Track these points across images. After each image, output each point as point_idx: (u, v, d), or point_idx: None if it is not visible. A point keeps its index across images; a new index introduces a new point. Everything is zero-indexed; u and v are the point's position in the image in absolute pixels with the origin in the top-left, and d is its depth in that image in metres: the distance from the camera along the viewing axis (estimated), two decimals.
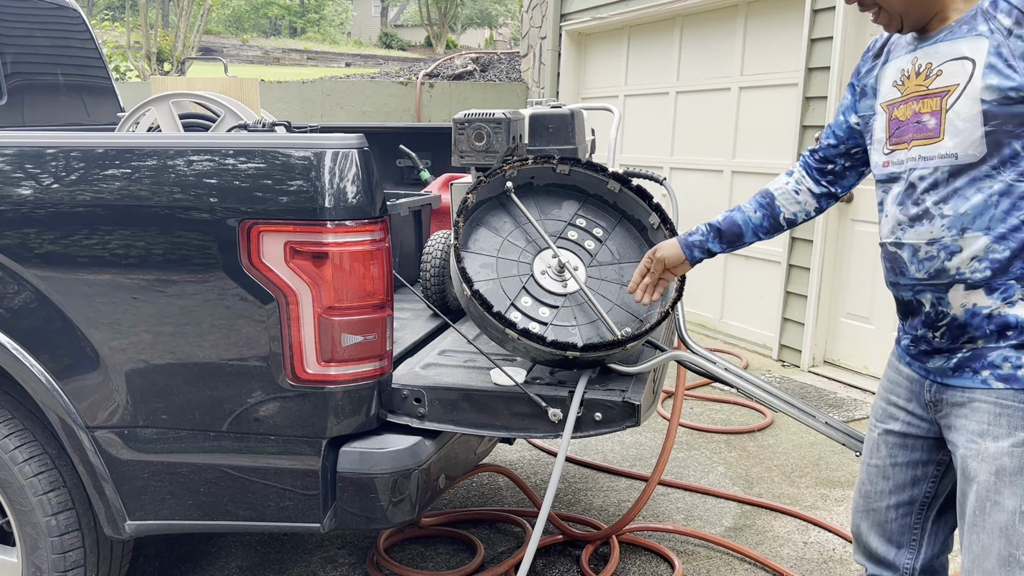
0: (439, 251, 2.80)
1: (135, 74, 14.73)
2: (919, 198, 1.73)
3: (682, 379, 3.05)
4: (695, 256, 2.16)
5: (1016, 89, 1.60)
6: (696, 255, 2.16)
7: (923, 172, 1.72)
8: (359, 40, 43.43)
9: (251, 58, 31.08)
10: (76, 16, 4.32)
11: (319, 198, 1.98)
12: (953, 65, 1.68)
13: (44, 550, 2.22)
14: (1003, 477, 1.66)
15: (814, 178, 2.09)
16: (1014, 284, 1.66)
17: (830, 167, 2.07)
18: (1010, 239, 1.64)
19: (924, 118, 1.72)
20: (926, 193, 1.72)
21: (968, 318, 1.71)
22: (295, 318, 2.01)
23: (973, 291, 1.69)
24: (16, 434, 2.22)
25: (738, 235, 2.13)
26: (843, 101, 2.03)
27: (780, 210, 2.11)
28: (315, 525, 2.12)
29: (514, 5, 35.81)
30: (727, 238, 2.14)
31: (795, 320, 5.65)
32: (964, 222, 1.67)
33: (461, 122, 2.63)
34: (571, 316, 2.35)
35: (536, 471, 3.90)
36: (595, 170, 2.53)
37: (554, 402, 2.14)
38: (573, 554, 3.16)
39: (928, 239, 1.72)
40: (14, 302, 2.12)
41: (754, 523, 3.45)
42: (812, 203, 2.10)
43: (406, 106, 10.07)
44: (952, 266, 1.70)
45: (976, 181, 1.66)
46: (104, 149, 2.09)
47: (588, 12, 7.88)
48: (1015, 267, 1.66)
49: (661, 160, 7.06)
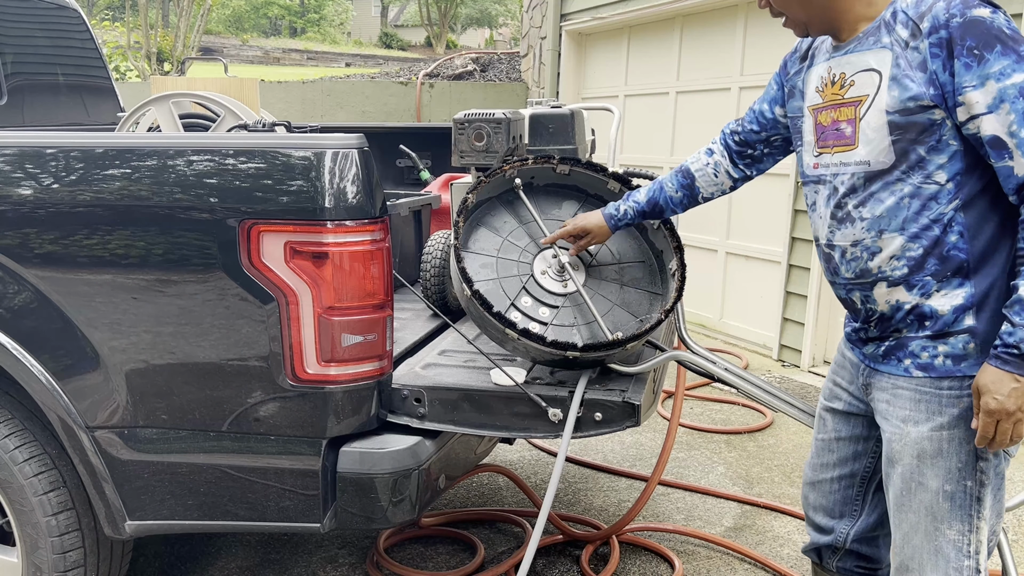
0: (439, 251, 2.80)
1: (135, 74, 14.73)
2: (842, 202, 1.84)
3: (682, 379, 3.05)
4: (617, 227, 2.36)
5: (914, 99, 1.70)
6: (619, 227, 2.36)
7: (844, 177, 1.83)
8: (359, 40, 43.42)
9: (251, 58, 31.08)
10: (76, 16, 4.32)
11: (319, 198, 1.98)
12: (863, 76, 1.78)
13: (44, 550, 2.22)
14: (924, 460, 1.79)
15: (732, 160, 2.23)
16: (930, 280, 1.76)
17: (749, 151, 2.20)
18: (923, 238, 1.75)
19: (842, 126, 1.83)
20: (847, 197, 1.83)
21: (892, 312, 1.82)
22: (295, 318, 2.01)
23: (895, 288, 1.80)
24: (16, 434, 2.22)
25: (660, 212, 2.33)
26: (768, 91, 2.13)
27: (699, 190, 2.27)
28: (315, 525, 2.12)
29: (514, 5, 35.81)
30: (649, 215, 2.34)
31: (795, 320, 5.65)
32: (881, 224, 1.78)
33: (461, 122, 2.63)
34: (571, 316, 2.35)
35: (536, 471, 3.90)
36: (595, 170, 2.53)
37: (554, 402, 2.14)
38: (573, 554, 3.16)
39: (852, 241, 1.84)
40: (14, 302, 2.12)
41: (754, 523, 3.45)
42: (728, 183, 2.25)
43: (406, 106, 10.07)
44: (874, 266, 1.81)
45: (889, 185, 1.76)
46: (104, 149, 2.09)
47: (588, 12, 7.87)
48: (929, 264, 1.76)
49: (661, 160, 7.06)
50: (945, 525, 1.78)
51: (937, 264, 1.75)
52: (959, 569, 1.79)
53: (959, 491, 1.77)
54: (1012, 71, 1.63)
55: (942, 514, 1.78)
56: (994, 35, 1.64)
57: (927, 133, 1.71)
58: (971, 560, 1.79)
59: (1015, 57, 1.63)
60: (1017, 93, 1.63)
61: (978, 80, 1.64)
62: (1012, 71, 1.63)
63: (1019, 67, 1.63)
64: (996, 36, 1.64)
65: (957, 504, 1.78)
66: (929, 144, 1.71)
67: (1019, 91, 1.63)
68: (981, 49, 1.64)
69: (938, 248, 1.74)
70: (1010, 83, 1.63)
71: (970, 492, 1.77)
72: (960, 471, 1.77)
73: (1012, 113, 1.63)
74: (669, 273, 2.46)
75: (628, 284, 2.47)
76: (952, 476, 1.77)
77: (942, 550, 1.79)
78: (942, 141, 1.71)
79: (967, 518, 1.78)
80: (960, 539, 1.78)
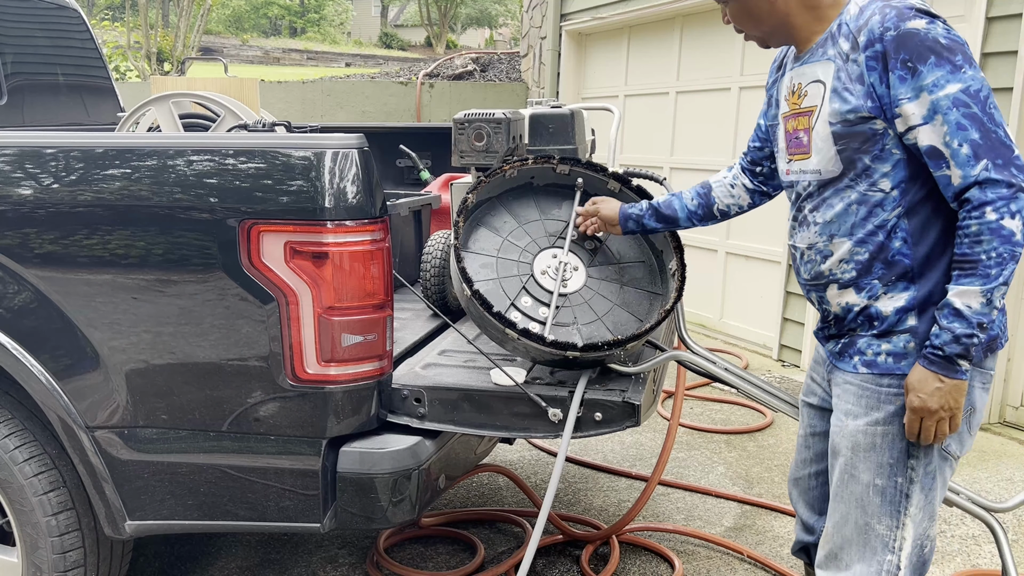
0: (439, 251, 2.80)
1: (135, 74, 14.73)
2: (801, 206, 1.92)
3: (682, 379, 3.05)
4: (628, 226, 2.35)
5: (853, 111, 1.74)
6: (630, 226, 2.35)
7: (803, 183, 1.90)
8: (359, 40, 43.41)
9: (251, 58, 31.07)
10: (76, 16, 4.32)
11: (319, 198, 1.98)
12: (813, 87, 1.83)
13: (44, 550, 2.22)
14: (858, 452, 1.84)
15: (748, 177, 2.25)
16: (877, 283, 1.81)
17: (759, 168, 2.22)
18: (869, 243, 1.79)
19: (800, 135, 1.89)
20: (804, 202, 1.90)
21: (844, 313, 1.87)
22: (295, 318, 2.01)
23: (845, 290, 1.85)
24: (16, 434, 2.22)
25: (673, 219, 2.31)
26: (764, 104, 2.16)
27: (715, 201, 2.27)
28: (315, 525, 2.12)
29: (514, 5, 35.81)
30: (663, 219, 2.32)
31: (795, 320, 5.65)
32: (832, 229, 1.84)
33: (461, 122, 2.63)
34: (571, 316, 2.35)
35: (536, 471, 3.90)
36: (595, 170, 2.53)
37: (554, 402, 2.14)
38: (573, 554, 3.16)
39: (807, 244, 1.90)
40: (14, 302, 2.11)
41: (754, 523, 3.45)
42: (746, 198, 2.27)
43: (406, 106, 10.07)
44: (826, 268, 1.87)
45: (839, 192, 1.82)
46: (104, 149, 2.09)
47: (588, 12, 7.87)
48: (876, 268, 1.81)
49: (661, 160, 7.06)
50: (875, 520, 1.83)
51: (883, 268, 1.79)
52: (881, 563, 1.83)
53: (889, 486, 1.81)
54: (945, 82, 1.65)
55: (872, 508, 1.83)
56: (928, 46, 1.66)
57: (870, 143, 1.75)
58: (894, 555, 1.83)
59: (949, 67, 1.65)
60: (950, 104, 1.64)
61: (912, 92, 1.67)
62: (945, 82, 1.65)
63: (953, 77, 1.65)
64: (930, 47, 1.66)
65: (887, 499, 1.82)
66: (873, 153, 1.75)
67: (952, 102, 1.64)
68: (915, 61, 1.66)
69: (883, 253, 1.78)
70: (943, 94, 1.65)
71: (900, 488, 1.81)
72: (891, 467, 1.81)
73: (945, 124, 1.65)
74: (669, 273, 2.46)
75: (628, 284, 2.47)
76: (883, 471, 1.81)
77: (870, 543, 1.84)
78: (885, 150, 1.74)
79: (895, 514, 1.82)
80: (888, 534, 1.82)
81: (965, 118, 1.64)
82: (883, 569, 1.83)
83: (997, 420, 4.60)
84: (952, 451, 1.82)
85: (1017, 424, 4.55)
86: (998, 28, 4.33)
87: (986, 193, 1.63)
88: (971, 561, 3.18)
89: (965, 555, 3.22)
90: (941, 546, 3.27)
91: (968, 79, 1.65)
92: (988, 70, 4.36)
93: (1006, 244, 1.62)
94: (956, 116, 1.64)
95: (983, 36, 4.37)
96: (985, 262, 1.64)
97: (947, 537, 3.35)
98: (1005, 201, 1.62)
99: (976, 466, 4.05)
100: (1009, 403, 4.58)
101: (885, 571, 1.83)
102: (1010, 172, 1.63)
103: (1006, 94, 4.28)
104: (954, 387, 1.70)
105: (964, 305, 1.66)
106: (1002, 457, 4.17)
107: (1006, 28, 4.29)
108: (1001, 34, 4.31)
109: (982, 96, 1.65)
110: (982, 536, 3.35)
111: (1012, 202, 1.62)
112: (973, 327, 1.66)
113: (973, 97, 1.65)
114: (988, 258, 1.63)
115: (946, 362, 1.69)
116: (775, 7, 1.84)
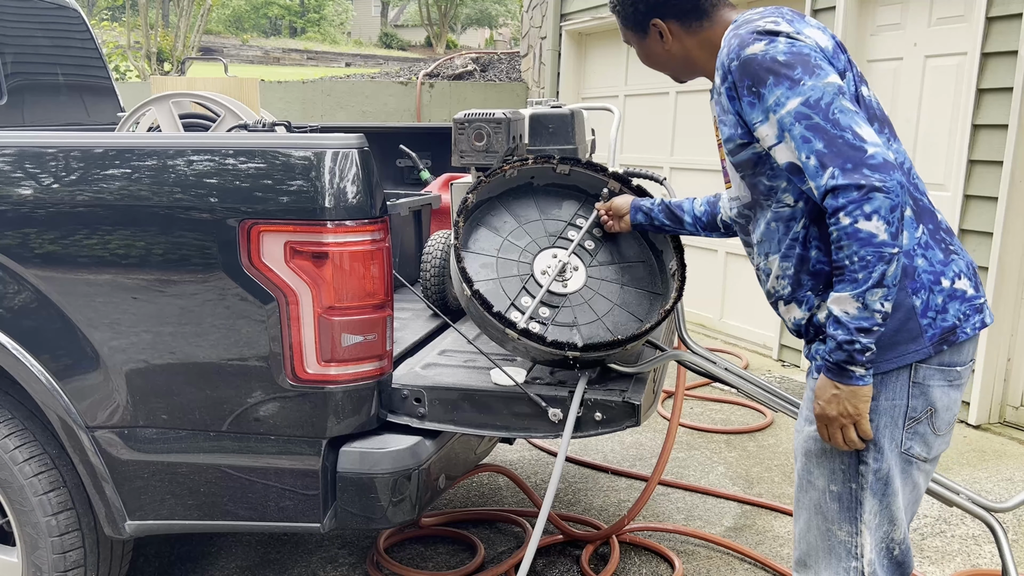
0: (439, 251, 2.80)
1: (135, 74, 14.73)
2: (745, 228, 1.98)
3: (682, 379, 3.05)
4: (637, 218, 2.38)
5: (730, 140, 1.80)
6: (639, 218, 2.38)
7: (735, 210, 1.97)
8: (359, 40, 43.41)
9: (251, 58, 31.07)
10: (76, 16, 4.32)
11: (319, 198, 1.98)
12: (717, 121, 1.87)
13: (44, 550, 2.22)
14: (811, 458, 1.85)
15: None
16: (810, 295, 1.82)
17: None
18: (791, 256, 1.81)
19: (724, 165, 1.96)
20: (745, 226, 1.97)
21: (796, 327, 1.89)
22: (295, 318, 2.01)
23: (789, 306, 1.87)
24: (16, 434, 2.22)
25: (679, 219, 2.33)
26: None
27: (720, 210, 2.26)
28: (315, 525, 2.12)
29: (514, 5, 35.80)
30: (671, 217, 2.34)
31: None
32: (765, 248, 1.88)
33: (461, 122, 2.63)
34: (571, 316, 2.35)
35: (536, 471, 3.90)
36: (595, 170, 2.53)
37: (554, 402, 2.14)
38: (573, 554, 3.16)
39: (756, 264, 1.95)
40: (14, 302, 2.12)
41: (754, 523, 3.45)
42: None
43: (406, 106, 10.07)
44: (769, 287, 1.91)
45: (761, 212, 1.87)
46: (104, 149, 2.09)
47: (588, 12, 7.87)
48: (804, 280, 1.82)
49: (661, 160, 7.06)
50: (835, 526, 1.83)
51: (810, 279, 1.81)
52: (847, 570, 1.82)
53: (845, 492, 1.81)
54: (786, 99, 1.66)
55: (831, 515, 1.83)
56: (766, 68, 1.67)
57: (759, 166, 1.79)
58: (858, 562, 1.82)
59: (787, 84, 1.66)
60: (792, 120, 1.65)
61: (762, 115, 1.70)
62: (786, 99, 1.66)
63: (792, 92, 1.65)
64: (768, 68, 1.67)
65: (844, 505, 1.81)
66: (766, 174, 1.79)
67: (794, 117, 1.65)
68: (757, 86, 1.69)
69: (805, 264, 1.80)
70: (785, 112, 1.66)
71: (854, 494, 1.80)
72: (844, 472, 1.80)
73: (792, 140, 1.66)
74: (669, 273, 2.46)
75: (628, 284, 2.47)
76: (837, 477, 1.81)
77: (834, 550, 1.83)
78: (775, 169, 1.77)
79: (853, 520, 1.81)
80: (849, 540, 1.81)
81: (808, 130, 1.63)
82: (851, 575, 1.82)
83: (997, 420, 4.60)
84: (916, 453, 1.79)
85: (1017, 424, 4.55)
86: (998, 28, 4.33)
87: (837, 199, 1.61)
88: (971, 561, 3.18)
89: (965, 555, 3.22)
90: (941, 546, 3.28)
91: (807, 90, 1.64)
92: (988, 70, 4.36)
93: (866, 247, 1.59)
94: (799, 130, 1.64)
95: (983, 36, 4.37)
96: (850, 267, 1.62)
97: (947, 537, 3.35)
98: (856, 204, 1.59)
99: (976, 466, 4.05)
100: (1009, 403, 4.58)
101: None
102: (860, 174, 1.59)
103: (1006, 94, 4.28)
104: (851, 393, 1.68)
105: (841, 312, 1.64)
106: (1002, 457, 4.17)
107: (1006, 28, 4.29)
108: (1001, 34, 4.31)
109: (823, 104, 1.63)
110: (982, 536, 3.35)
111: (864, 204, 1.58)
112: (853, 333, 1.63)
113: (814, 107, 1.64)
114: (851, 263, 1.61)
115: (837, 369, 1.68)
116: (671, 53, 1.93)
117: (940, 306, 1.74)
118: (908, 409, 1.75)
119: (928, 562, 3.17)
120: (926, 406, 1.76)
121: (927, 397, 1.76)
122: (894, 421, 1.75)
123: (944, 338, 1.74)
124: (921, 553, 3.23)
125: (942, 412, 1.79)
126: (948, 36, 4.63)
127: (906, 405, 1.75)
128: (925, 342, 1.73)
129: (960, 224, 4.55)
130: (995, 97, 4.36)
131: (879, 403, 1.75)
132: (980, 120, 4.43)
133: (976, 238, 4.49)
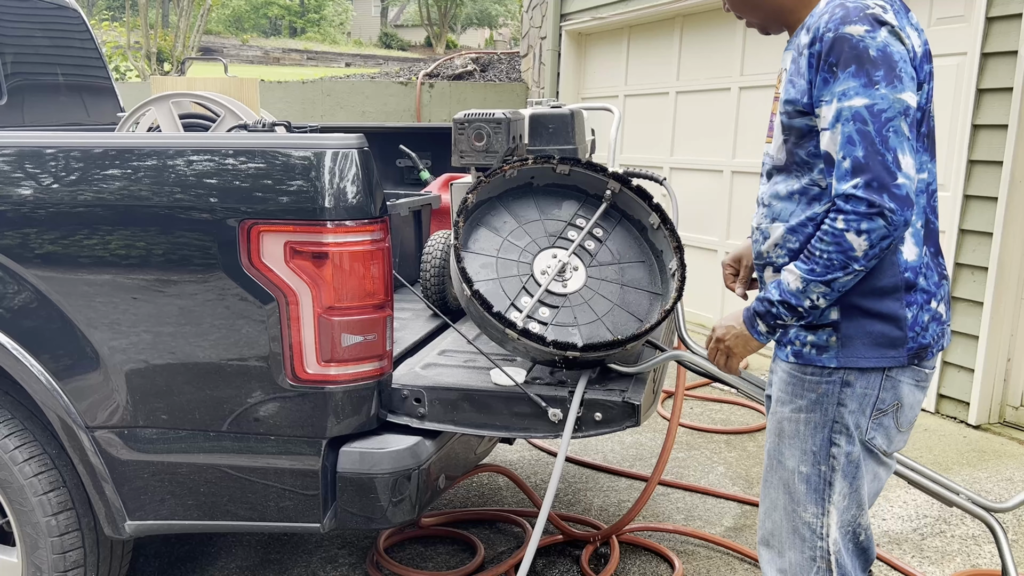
0: (439, 251, 2.80)
1: (135, 74, 14.72)
2: (760, 186, 1.96)
3: (682, 379, 3.05)
4: None
5: (792, 103, 1.77)
6: None
7: (766, 165, 1.94)
8: (359, 40, 43.40)
9: (251, 58, 31.06)
10: (76, 16, 4.31)
11: (319, 198, 1.98)
12: (784, 73, 1.85)
13: (44, 550, 2.22)
14: (783, 439, 1.89)
15: None
16: None
17: None
18: (799, 233, 1.82)
19: (773, 118, 1.91)
20: (763, 183, 1.95)
21: None
22: (295, 318, 2.01)
23: (777, 274, 1.87)
24: (16, 434, 2.22)
25: None
26: None
27: None
28: (315, 525, 2.12)
29: (514, 5, 35.80)
30: None
31: None
32: (774, 212, 1.88)
33: (461, 122, 2.63)
34: (571, 316, 2.35)
35: (536, 471, 3.90)
36: (595, 170, 2.53)
37: (554, 402, 2.14)
38: (573, 554, 3.16)
39: (757, 223, 1.94)
40: (14, 302, 2.11)
41: (754, 523, 3.45)
42: None
43: (406, 106, 10.07)
44: (764, 250, 1.91)
45: (786, 179, 1.86)
46: (104, 149, 2.09)
47: (588, 12, 7.87)
48: None
49: (661, 160, 7.06)
50: (801, 508, 1.87)
51: None
52: (813, 549, 1.87)
53: (814, 474, 1.85)
54: (855, 93, 1.65)
55: (799, 496, 1.87)
56: (855, 54, 1.66)
57: (806, 139, 1.78)
58: (823, 542, 1.86)
59: (864, 80, 1.65)
60: (850, 116, 1.65)
61: (828, 96, 1.69)
62: (855, 93, 1.65)
63: (863, 91, 1.65)
64: (856, 56, 1.66)
65: (812, 487, 1.86)
66: (808, 149, 1.78)
67: (852, 115, 1.65)
68: (837, 67, 1.67)
69: None
70: (847, 104, 1.66)
71: (823, 476, 1.85)
72: (815, 454, 1.85)
73: (839, 135, 1.67)
74: (669, 273, 2.46)
75: (628, 284, 2.47)
76: (807, 458, 1.86)
77: (799, 530, 1.88)
78: (818, 147, 1.76)
79: (820, 501, 1.85)
80: (815, 521, 1.86)
81: (858, 134, 1.64)
82: (816, 555, 1.87)
83: (997, 420, 4.60)
84: (877, 445, 1.85)
85: (1017, 424, 4.55)
86: (998, 28, 4.33)
87: (847, 204, 1.65)
88: (971, 561, 3.18)
89: (965, 555, 3.22)
90: (941, 546, 3.28)
91: (878, 97, 1.64)
92: (988, 70, 4.36)
93: (840, 253, 1.67)
94: (850, 129, 1.65)
95: (983, 36, 4.37)
96: (815, 256, 1.70)
97: (947, 537, 3.35)
98: (859, 218, 1.64)
99: (976, 466, 4.06)
100: (1009, 403, 4.58)
101: (819, 557, 1.87)
102: (880, 196, 1.62)
103: (1006, 94, 4.29)
104: (741, 335, 1.86)
105: (785, 280, 1.75)
106: (1002, 457, 4.17)
107: (1006, 28, 4.29)
108: (1001, 34, 4.31)
109: (884, 117, 1.64)
110: (982, 536, 3.35)
111: (865, 220, 1.64)
112: (779, 303, 1.75)
113: (874, 116, 1.64)
114: (819, 254, 1.69)
115: (752, 314, 1.81)
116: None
117: (924, 324, 1.81)
118: (877, 400, 1.81)
119: (928, 562, 3.17)
120: (894, 400, 1.83)
121: (896, 392, 1.82)
122: (862, 409, 1.81)
123: (918, 353, 1.81)
124: (921, 553, 3.23)
125: (907, 409, 1.86)
126: (948, 36, 4.63)
127: (876, 396, 1.81)
128: (903, 352, 1.79)
129: (960, 224, 4.55)
130: (995, 97, 4.36)
131: (855, 389, 1.81)
132: (980, 120, 4.43)
133: (976, 238, 4.49)
